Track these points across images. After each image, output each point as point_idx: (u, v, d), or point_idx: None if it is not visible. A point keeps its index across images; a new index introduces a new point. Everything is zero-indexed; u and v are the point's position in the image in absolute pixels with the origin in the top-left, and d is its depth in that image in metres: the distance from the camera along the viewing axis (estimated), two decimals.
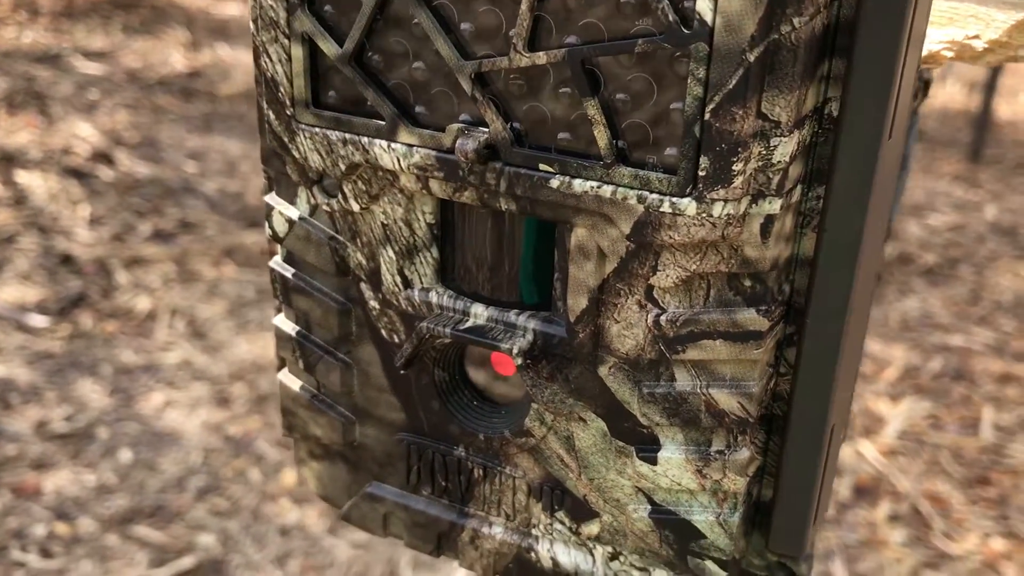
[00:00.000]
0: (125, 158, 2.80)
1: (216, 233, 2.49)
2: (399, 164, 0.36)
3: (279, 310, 0.44)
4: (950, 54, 0.41)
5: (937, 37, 0.42)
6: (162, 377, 1.90)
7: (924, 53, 0.41)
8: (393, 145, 0.36)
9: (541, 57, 0.33)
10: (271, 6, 0.37)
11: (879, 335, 2.27)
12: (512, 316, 0.38)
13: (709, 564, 0.38)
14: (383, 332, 0.41)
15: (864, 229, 0.33)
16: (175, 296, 2.19)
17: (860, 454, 1.83)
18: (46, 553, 1.45)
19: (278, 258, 0.42)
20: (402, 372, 0.41)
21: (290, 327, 0.43)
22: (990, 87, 3.60)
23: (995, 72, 3.50)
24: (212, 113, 3.26)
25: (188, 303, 2.17)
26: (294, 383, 0.44)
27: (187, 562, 1.46)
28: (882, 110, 0.31)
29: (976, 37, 0.41)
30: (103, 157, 2.78)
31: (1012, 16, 0.41)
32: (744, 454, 0.36)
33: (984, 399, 2.04)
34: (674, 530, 0.38)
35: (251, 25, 0.39)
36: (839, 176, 0.32)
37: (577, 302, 0.36)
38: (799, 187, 0.33)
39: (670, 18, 0.31)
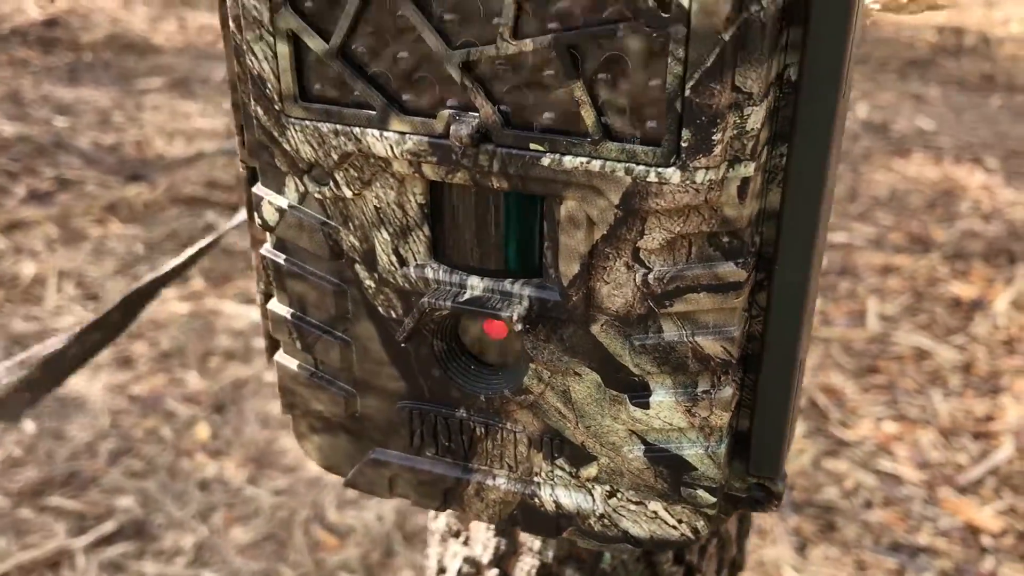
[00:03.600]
0: None
1: (96, 189, 2.40)
2: (392, 151, 0.38)
3: (267, 296, 0.45)
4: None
5: None
6: None
7: None
8: (385, 133, 0.38)
9: (528, 44, 0.34)
10: (254, 6, 0.37)
11: None
12: (507, 285, 0.40)
13: (700, 492, 0.42)
14: (380, 309, 0.42)
15: (825, 181, 0.36)
16: (60, 258, 2.12)
17: None
18: None
19: (268, 245, 0.44)
20: (403, 345, 0.42)
21: (284, 310, 0.44)
22: None
23: None
24: (76, 63, 3.11)
25: (75, 264, 2.10)
26: (291, 363, 0.46)
27: (108, 527, 1.45)
28: (838, 71, 0.34)
29: None
30: None
31: None
32: (728, 391, 0.39)
33: (868, 291, 2.14)
34: (668, 465, 0.41)
35: (232, 24, 0.39)
36: (800, 134, 0.35)
37: (569, 268, 0.38)
38: (766, 148, 0.36)
39: (649, 3, 0.32)
